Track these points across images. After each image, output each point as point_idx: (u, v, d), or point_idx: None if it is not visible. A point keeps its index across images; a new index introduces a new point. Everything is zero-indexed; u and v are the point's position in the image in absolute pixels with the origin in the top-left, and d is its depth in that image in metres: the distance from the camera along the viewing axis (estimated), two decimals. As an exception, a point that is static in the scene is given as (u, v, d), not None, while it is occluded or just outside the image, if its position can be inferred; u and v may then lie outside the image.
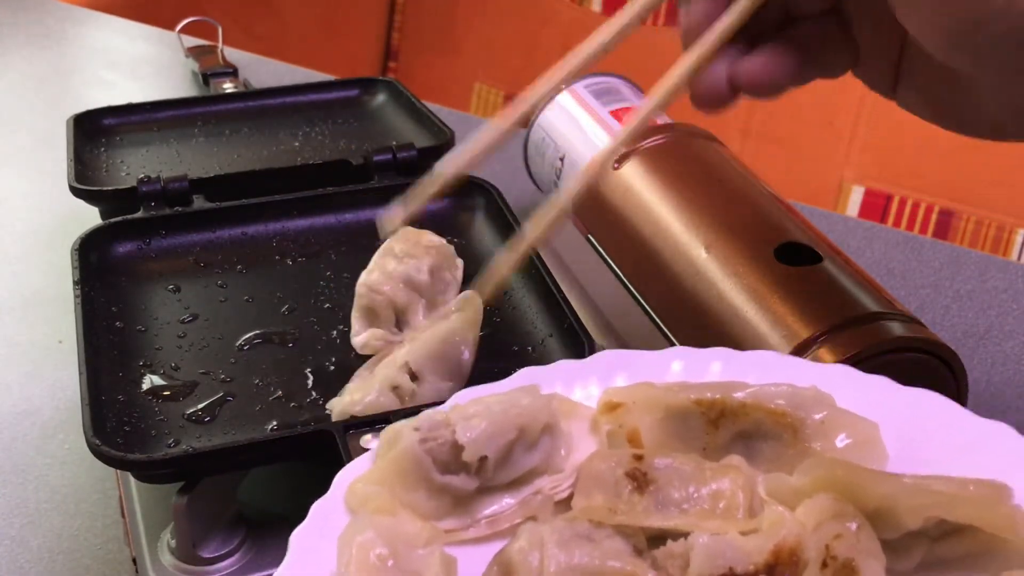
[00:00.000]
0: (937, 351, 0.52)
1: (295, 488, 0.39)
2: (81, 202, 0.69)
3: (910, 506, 0.39)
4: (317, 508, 0.41)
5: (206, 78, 0.96)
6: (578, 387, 0.48)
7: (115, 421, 0.50)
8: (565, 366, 0.49)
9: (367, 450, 0.45)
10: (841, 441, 0.44)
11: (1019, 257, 1.34)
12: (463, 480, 0.42)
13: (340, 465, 0.43)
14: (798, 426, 0.44)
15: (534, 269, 0.59)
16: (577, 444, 0.45)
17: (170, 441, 0.50)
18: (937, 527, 0.40)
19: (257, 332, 0.57)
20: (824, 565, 0.37)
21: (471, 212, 0.67)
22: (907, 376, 0.46)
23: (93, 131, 0.79)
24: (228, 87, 0.94)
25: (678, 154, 0.66)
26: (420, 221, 0.57)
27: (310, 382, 0.54)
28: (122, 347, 0.56)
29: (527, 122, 0.75)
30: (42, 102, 1.06)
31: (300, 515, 0.40)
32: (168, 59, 1.10)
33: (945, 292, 0.74)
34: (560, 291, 0.57)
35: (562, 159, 0.70)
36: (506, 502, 0.43)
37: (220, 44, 1.02)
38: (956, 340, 0.68)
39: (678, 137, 0.67)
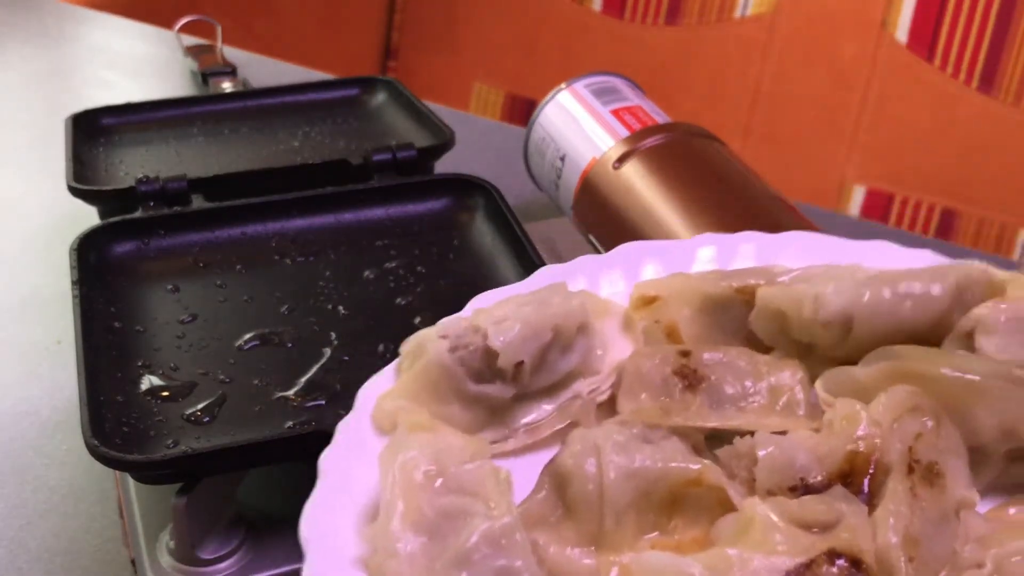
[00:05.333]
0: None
1: (295, 489, 0.39)
2: (79, 202, 0.69)
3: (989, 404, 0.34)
4: (344, 428, 0.38)
5: (205, 77, 0.96)
6: (604, 283, 0.44)
7: (114, 422, 0.50)
8: (587, 261, 0.46)
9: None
10: None
11: (1021, 257, 1.34)
12: (499, 388, 0.39)
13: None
14: None
15: (532, 269, 0.59)
16: (611, 343, 0.42)
17: (169, 442, 0.49)
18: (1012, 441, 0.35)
19: (256, 332, 0.57)
20: (910, 470, 0.33)
21: (471, 212, 0.66)
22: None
23: (92, 131, 0.79)
24: (227, 86, 0.94)
25: (678, 154, 0.66)
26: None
27: (310, 382, 0.54)
28: (121, 347, 0.56)
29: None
30: (41, 101, 1.05)
31: (300, 516, 0.40)
32: (167, 58, 1.10)
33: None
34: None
35: (562, 159, 0.70)
36: (544, 409, 0.40)
37: (219, 43, 1.02)
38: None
39: (678, 137, 0.67)
